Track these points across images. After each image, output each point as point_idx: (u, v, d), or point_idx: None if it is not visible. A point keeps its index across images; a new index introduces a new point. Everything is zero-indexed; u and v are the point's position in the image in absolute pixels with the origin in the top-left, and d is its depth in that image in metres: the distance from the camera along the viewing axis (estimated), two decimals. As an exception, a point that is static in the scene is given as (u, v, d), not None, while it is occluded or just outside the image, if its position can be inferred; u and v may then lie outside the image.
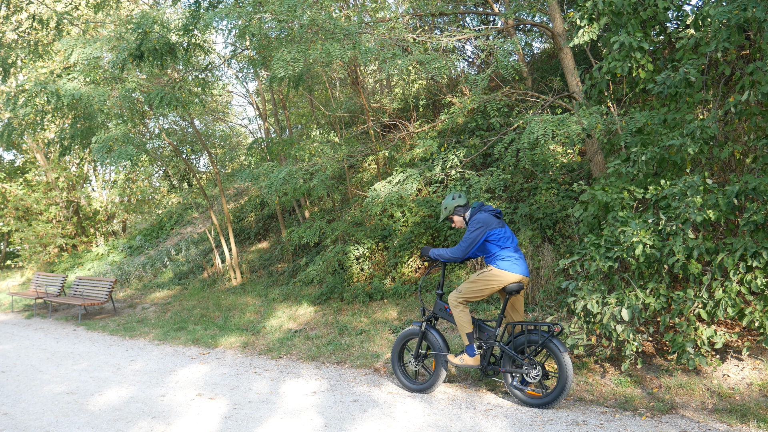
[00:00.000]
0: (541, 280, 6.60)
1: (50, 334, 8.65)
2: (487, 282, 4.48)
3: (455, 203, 4.74)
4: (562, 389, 4.25)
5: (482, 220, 4.51)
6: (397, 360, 5.11)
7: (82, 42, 8.81)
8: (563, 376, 4.25)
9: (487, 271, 4.49)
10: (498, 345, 4.54)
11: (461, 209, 4.74)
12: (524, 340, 4.44)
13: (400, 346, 5.10)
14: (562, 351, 4.26)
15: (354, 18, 7.99)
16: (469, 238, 4.50)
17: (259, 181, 7.86)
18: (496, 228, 4.50)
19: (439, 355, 4.75)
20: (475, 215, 4.59)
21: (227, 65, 10.73)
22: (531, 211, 7.50)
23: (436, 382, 4.81)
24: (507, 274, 4.43)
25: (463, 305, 4.58)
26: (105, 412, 4.81)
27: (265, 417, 4.53)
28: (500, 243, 4.49)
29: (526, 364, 4.41)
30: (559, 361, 4.27)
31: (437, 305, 4.87)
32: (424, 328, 4.88)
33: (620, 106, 6.51)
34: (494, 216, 4.58)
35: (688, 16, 5.21)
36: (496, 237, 4.49)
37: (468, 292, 4.54)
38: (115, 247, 16.61)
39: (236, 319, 8.41)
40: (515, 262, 4.46)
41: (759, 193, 4.10)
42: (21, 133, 10.98)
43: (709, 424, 3.92)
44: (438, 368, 4.78)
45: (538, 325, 4.41)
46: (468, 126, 9.90)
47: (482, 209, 4.63)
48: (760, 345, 4.62)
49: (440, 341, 4.77)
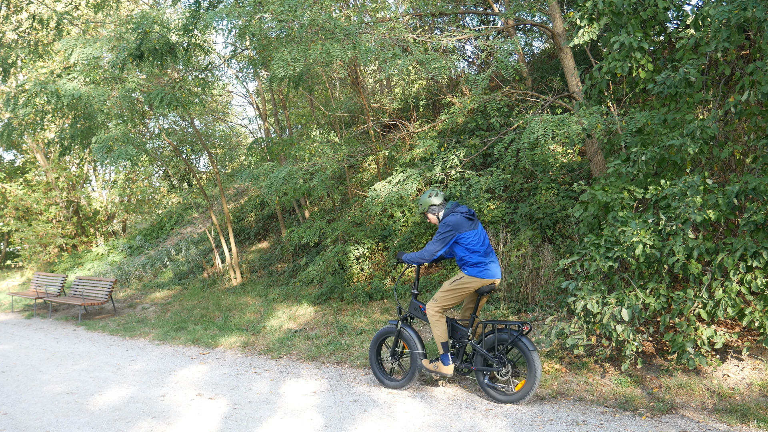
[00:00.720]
0: (541, 280, 6.60)
1: (50, 334, 8.65)
2: (460, 289, 4.59)
3: (430, 201, 4.80)
4: (531, 386, 4.37)
5: (452, 222, 4.56)
6: (375, 357, 5.24)
7: (82, 42, 8.80)
8: (532, 373, 4.36)
9: (459, 279, 4.60)
10: (470, 344, 4.67)
11: (435, 208, 4.80)
12: (494, 339, 4.55)
13: (377, 344, 5.23)
14: (531, 349, 4.38)
15: (354, 18, 7.99)
16: (437, 240, 4.58)
17: (259, 181, 7.86)
18: (467, 231, 4.55)
19: (414, 354, 4.86)
20: (447, 217, 4.64)
21: (227, 65, 10.73)
22: (531, 211, 7.50)
23: (411, 379, 4.92)
24: (478, 280, 4.54)
25: (440, 314, 4.67)
26: (105, 412, 4.81)
27: (265, 417, 4.53)
28: (470, 246, 4.56)
29: (497, 362, 4.54)
30: (528, 359, 4.38)
31: (412, 305, 5.01)
32: (400, 327, 5.00)
33: (620, 106, 6.51)
34: (467, 218, 4.61)
35: (688, 16, 5.21)
36: (465, 240, 4.55)
37: (443, 301, 4.64)
38: (115, 247, 16.61)
39: (236, 319, 8.41)
40: (486, 267, 4.55)
41: (759, 193, 4.10)
42: (21, 133, 10.97)
43: (709, 424, 3.92)
44: (413, 366, 4.89)
45: (508, 324, 4.53)
46: (468, 126, 9.90)
47: (455, 210, 4.66)
48: (760, 345, 4.62)
49: (415, 340, 4.89)
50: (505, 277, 6.86)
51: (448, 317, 4.79)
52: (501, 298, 6.71)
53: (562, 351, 5.28)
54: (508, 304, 6.63)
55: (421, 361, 4.83)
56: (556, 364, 5.05)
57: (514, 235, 7.53)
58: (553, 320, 5.43)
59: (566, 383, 4.76)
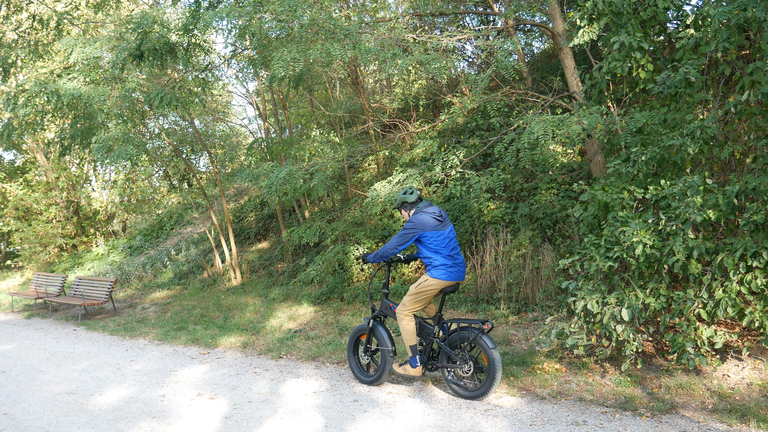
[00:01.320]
0: (541, 280, 6.60)
1: (50, 334, 8.65)
2: (425, 291, 4.73)
3: (403, 198, 4.91)
4: (492, 381, 4.51)
5: (418, 221, 4.68)
6: (352, 353, 5.39)
7: (82, 42, 8.80)
8: (492, 370, 4.50)
9: (423, 282, 4.72)
10: (436, 341, 4.82)
11: (408, 206, 4.91)
12: (458, 337, 4.70)
13: (354, 341, 5.38)
14: (491, 347, 4.52)
15: (354, 18, 7.99)
16: (399, 235, 4.73)
17: (259, 181, 7.86)
18: (432, 231, 4.66)
19: (385, 351, 5.01)
20: (415, 215, 4.76)
21: (227, 65, 10.73)
22: (531, 211, 7.50)
23: (383, 374, 5.06)
24: (441, 282, 4.69)
25: (409, 317, 4.80)
26: (105, 412, 4.81)
27: (265, 417, 4.53)
28: (433, 246, 4.66)
29: (460, 360, 4.68)
30: (488, 356, 4.52)
31: (383, 304, 5.14)
32: (371, 325, 5.15)
33: (620, 106, 6.51)
34: (435, 218, 4.71)
35: (688, 16, 5.20)
36: (429, 239, 4.66)
37: (411, 304, 4.78)
38: (115, 247, 16.61)
39: (236, 319, 8.41)
40: (449, 269, 4.68)
41: (759, 193, 4.10)
42: (21, 133, 10.98)
43: (709, 424, 3.92)
44: (384, 362, 5.03)
45: (471, 323, 4.66)
46: (468, 126, 9.90)
47: (424, 210, 4.77)
48: (760, 345, 4.63)
49: (386, 337, 5.04)
50: (505, 277, 6.86)
51: (416, 316, 4.94)
52: (501, 298, 6.72)
53: (562, 351, 5.28)
54: (508, 304, 6.63)
55: (391, 364, 5.00)
56: (556, 364, 5.06)
57: (514, 235, 7.53)
58: (553, 320, 5.43)
59: (566, 383, 4.77)
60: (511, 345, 5.78)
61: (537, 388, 4.77)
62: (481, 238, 7.66)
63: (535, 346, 5.56)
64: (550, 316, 5.49)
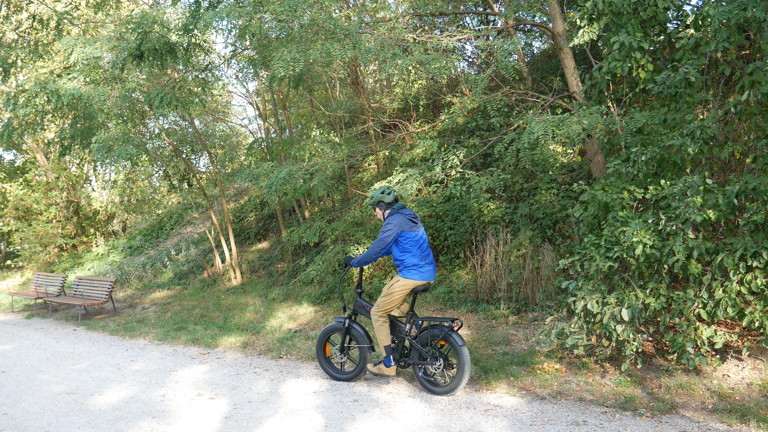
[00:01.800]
0: (541, 280, 6.60)
1: (50, 334, 8.65)
2: (398, 291, 4.85)
3: (380, 198, 5.01)
4: (461, 377, 4.66)
5: (395, 222, 4.81)
6: (322, 353, 5.49)
7: (82, 42, 8.80)
8: (461, 365, 4.64)
9: (396, 282, 4.85)
10: (407, 339, 4.96)
11: (384, 205, 5.03)
12: (428, 334, 4.84)
13: (324, 341, 5.48)
14: (461, 344, 4.67)
15: (354, 18, 7.99)
16: (381, 238, 4.82)
17: (259, 181, 7.86)
18: (408, 231, 4.81)
19: (363, 348, 5.18)
20: (391, 216, 4.89)
21: (227, 65, 10.73)
22: (531, 211, 7.50)
23: (362, 370, 5.22)
24: (413, 282, 4.83)
25: (383, 318, 4.93)
26: (105, 412, 4.81)
27: (266, 417, 4.53)
28: (408, 246, 4.80)
29: (430, 357, 4.81)
30: (457, 353, 4.67)
31: (357, 303, 5.28)
32: (348, 324, 5.27)
33: (620, 106, 6.51)
34: (410, 220, 4.86)
35: (688, 16, 5.20)
36: (405, 240, 4.80)
37: (385, 305, 4.90)
38: (115, 247, 16.61)
39: (236, 319, 8.41)
40: (420, 269, 4.82)
41: (759, 193, 4.10)
42: (21, 133, 10.96)
43: (709, 424, 3.92)
44: (362, 358, 5.18)
45: (441, 321, 4.77)
46: (468, 126, 9.90)
47: (400, 212, 4.91)
48: (760, 345, 4.63)
49: (363, 334, 5.20)
50: (505, 277, 6.86)
51: (389, 315, 5.06)
52: (501, 298, 6.72)
53: (562, 351, 5.28)
54: (508, 304, 6.63)
55: (366, 364, 5.15)
56: (556, 364, 5.06)
57: (514, 235, 7.53)
58: (553, 320, 5.43)
59: (566, 383, 4.77)
60: (511, 345, 5.78)
61: (537, 388, 4.77)
62: (481, 238, 7.66)
63: (535, 346, 5.56)
64: (550, 316, 5.49)
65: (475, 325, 6.46)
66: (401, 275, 4.85)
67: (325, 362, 5.47)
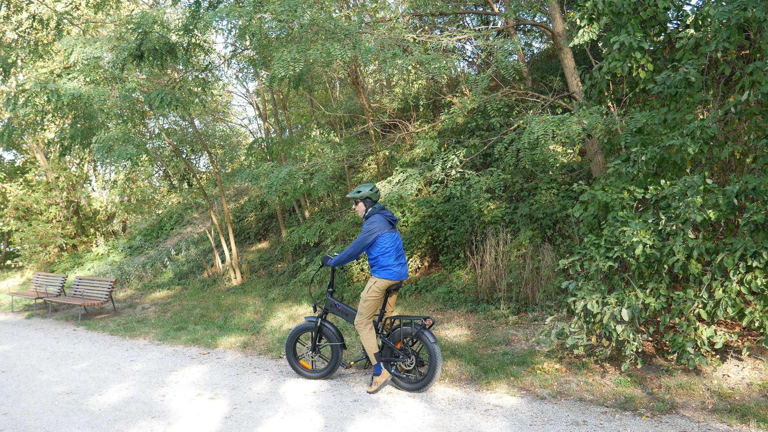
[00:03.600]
0: (541, 280, 6.60)
1: (50, 334, 8.65)
2: (375, 293, 4.93)
3: (368, 194, 5.04)
4: (433, 374, 4.77)
5: (377, 222, 4.90)
6: (293, 353, 5.53)
7: (82, 42, 8.80)
8: (433, 363, 4.75)
9: (373, 285, 4.92)
10: (380, 337, 5.04)
11: (370, 202, 5.08)
12: (401, 332, 4.95)
13: (294, 340, 5.51)
14: (432, 342, 4.78)
15: (354, 18, 7.99)
16: (362, 237, 4.89)
17: (259, 181, 7.86)
18: (387, 233, 4.91)
19: (336, 346, 5.29)
20: (373, 215, 4.97)
21: (227, 65, 10.73)
22: (531, 211, 7.50)
23: (335, 367, 5.33)
24: (387, 282, 4.92)
25: (369, 326, 4.99)
26: (105, 412, 4.81)
27: (265, 417, 4.53)
28: (385, 246, 4.88)
29: (402, 354, 4.95)
30: (429, 351, 4.77)
31: (328, 302, 5.35)
32: (320, 323, 5.35)
33: (620, 106, 6.51)
34: (389, 221, 4.96)
35: (688, 16, 5.20)
36: (383, 240, 4.89)
37: (368, 311, 4.96)
38: (115, 247, 16.61)
39: (236, 319, 8.41)
40: (394, 269, 4.91)
41: (759, 193, 4.10)
42: (21, 133, 10.97)
43: (709, 424, 3.92)
44: (335, 356, 5.31)
45: (413, 319, 4.90)
46: (468, 126, 9.90)
47: (381, 212, 4.99)
48: (760, 345, 4.63)
49: (334, 332, 5.32)
50: (505, 277, 6.86)
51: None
52: (501, 298, 6.72)
53: (562, 351, 5.28)
54: (508, 304, 6.63)
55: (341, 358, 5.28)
56: (556, 364, 5.06)
57: (514, 235, 7.53)
58: (553, 320, 5.43)
59: (566, 383, 4.77)
60: (511, 345, 5.78)
61: (537, 388, 4.77)
62: (481, 238, 7.66)
63: (535, 346, 5.56)
64: (550, 316, 5.49)
65: (475, 325, 6.46)
66: (375, 275, 4.92)
67: (295, 361, 5.52)
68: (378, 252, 4.90)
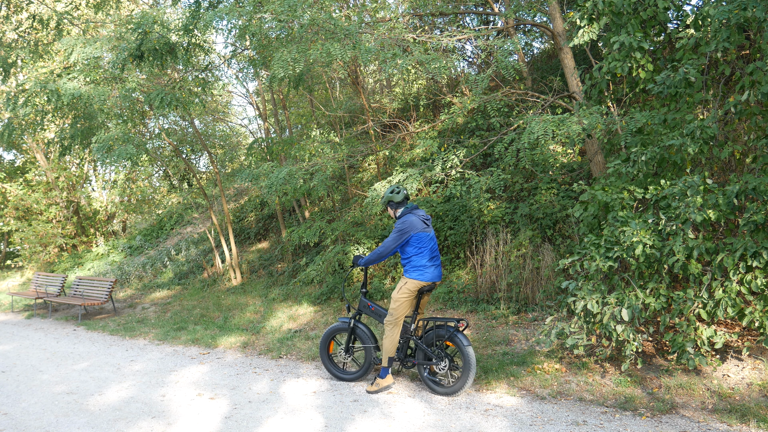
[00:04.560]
0: (541, 280, 6.60)
1: (50, 334, 8.65)
2: (407, 294, 4.85)
3: (390, 197, 4.98)
4: (467, 379, 4.62)
5: (409, 222, 4.80)
6: (326, 353, 5.47)
7: (82, 42, 8.80)
8: (467, 367, 4.60)
9: (404, 285, 4.85)
10: (412, 339, 4.95)
11: (395, 204, 5.00)
12: (434, 335, 4.82)
13: (328, 341, 5.46)
14: (466, 344, 4.64)
15: (354, 18, 7.99)
16: (393, 238, 4.82)
17: (259, 181, 7.86)
18: (420, 233, 4.81)
19: (369, 348, 5.17)
20: (404, 216, 4.88)
21: (227, 65, 10.74)
22: (531, 211, 7.50)
23: (367, 370, 5.21)
24: (419, 283, 4.83)
25: (397, 327, 4.92)
26: (105, 412, 4.81)
27: (265, 417, 4.53)
28: (419, 247, 4.80)
29: (435, 357, 4.80)
30: (462, 354, 4.63)
31: (362, 303, 5.26)
32: (353, 324, 5.25)
33: (620, 106, 6.51)
34: (423, 221, 4.87)
35: (688, 16, 5.20)
36: (416, 240, 4.80)
37: (398, 312, 4.88)
38: (115, 247, 16.61)
39: (236, 319, 8.41)
40: (426, 270, 4.82)
41: (759, 193, 4.10)
42: (21, 133, 10.98)
43: (709, 424, 3.92)
44: (368, 359, 5.17)
45: (446, 321, 4.77)
46: (468, 126, 9.90)
47: (413, 212, 4.89)
48: (760, 345, 4.63)
49: (368, 334, 5.20)
50: (505, 277, 6.86)
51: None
52: (501, 298, 6.72)
53: (562, 351, 5.28)
54: (508, 304, 6.63)
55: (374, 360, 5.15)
56: (556, 364, 5.06)
57: (514, 235, 7.53)
58: (553, 320, 5.43)
59: (566, 383, 4.77)
60: (511, 345, 5.78)
61: (537, 388, 4.77)
62: (481, 238, 7.66)
63: (535, 346, 5.56)
64: (550, 316, 5.49)
65: (475, 325, 6.46)
66: (407, 276, 4.84)
67: (329, 362, 5.45)
68: (412, 252, 4.82)
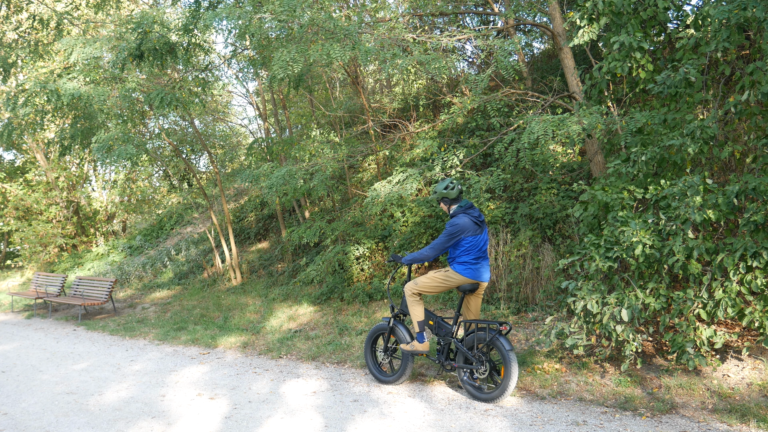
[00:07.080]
0: (541, 280, 6.60)
1: (50, 334, 8.65)
2: (443, 281, 4.73)
3: (444, 193, 4.80)
4: (508, 384, 4.44)
5: (461, 224, 4.62)
6: (370, 353, 5.37)
7: (82, 42, 8.80)
8: (509, 372, 4.42)
9: (444, 272, 4.74)
10: (453, 341, 4.78)
11: (449, 201, 4.83)
12: (474, 338, 4.66)
13: (372, 340, 5.36)
14: (508, 349, 4.45)
15: (354, 18, 7.99)
16: (444, 240, 4.67)
17: (259, 181, 7.86)
18: (472, 235, 4.65)
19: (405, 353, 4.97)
20: (457, 217, 4.68)
21: (227, 65, 10.74)
22: (531, 211, 7.50)
23: (403, 374, 5.04)
24: (461, 277, 4.67)
25: (417, 296, 4.83)
26: (105, 412, 4.81)
27: (265, 417, 4.53)
28: (468, 248, 4.65)
29: (476, 361, 4.63)
30: (504, 358, 4.44)
31: (404, 302, 5.08)
32: (392, 323, 5.12)
33: (620, 106, 6.51)
34: (475, 222, 4.68)
35: (688, 16, 5.20)
36: (467, 243, 4.65)
37: (423, 286, 4.77)
38: (115, 247, 16.61)
39: (236, 319, 8.41)
40: (471, 267, 4.65)
41: (759, 193, 4.10)
42: (21, 133, 10.98)
43: (709, 424, 3.92)
44: (405, 362, 5.01)
45: (489, 324, 4.58)
46: (468, 126, 9.90)
47: (467, 212, 4.70)
48: (760, 345, 4.62)
49: (407, 336, 4.98)
50: (505, 277, 6.86)
51: (435, 315, 4.98)
52: (501, 298, 6.72)
53: (562, 351, 5.28)
54: (508, 304, 6.63)
55: (412, 363, 4.99)
56: (556, 364, 5.05)
57: (514, 235, 7.52)
58: (553, 320, 5.43)
59: (566, 383, 4.76)
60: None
61: (537, 388, 4.77)
62: (481, 238, 7.65)
63: (535, 346, 5.56)
64: (550, 316, 5.49)
65: (475, 325, 6.46)
66: (452, 267, 4.69)
67: (372, 362, 5.32)
68: (458, 251, 4.68)
